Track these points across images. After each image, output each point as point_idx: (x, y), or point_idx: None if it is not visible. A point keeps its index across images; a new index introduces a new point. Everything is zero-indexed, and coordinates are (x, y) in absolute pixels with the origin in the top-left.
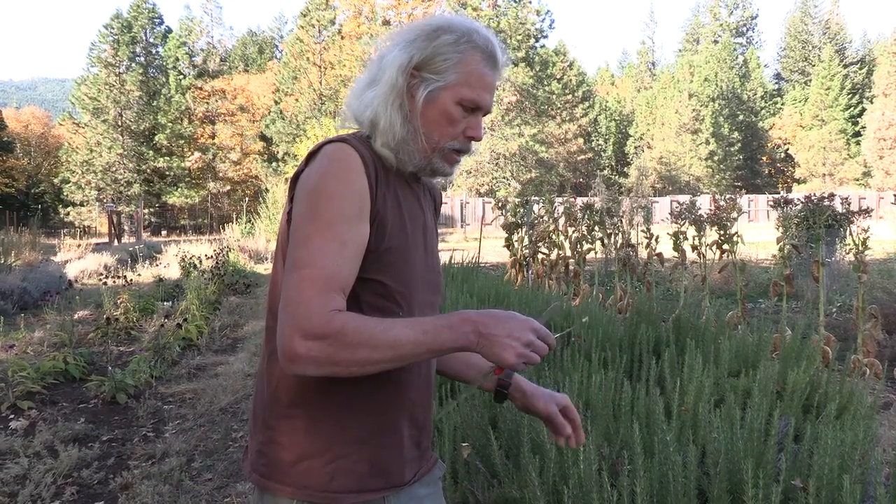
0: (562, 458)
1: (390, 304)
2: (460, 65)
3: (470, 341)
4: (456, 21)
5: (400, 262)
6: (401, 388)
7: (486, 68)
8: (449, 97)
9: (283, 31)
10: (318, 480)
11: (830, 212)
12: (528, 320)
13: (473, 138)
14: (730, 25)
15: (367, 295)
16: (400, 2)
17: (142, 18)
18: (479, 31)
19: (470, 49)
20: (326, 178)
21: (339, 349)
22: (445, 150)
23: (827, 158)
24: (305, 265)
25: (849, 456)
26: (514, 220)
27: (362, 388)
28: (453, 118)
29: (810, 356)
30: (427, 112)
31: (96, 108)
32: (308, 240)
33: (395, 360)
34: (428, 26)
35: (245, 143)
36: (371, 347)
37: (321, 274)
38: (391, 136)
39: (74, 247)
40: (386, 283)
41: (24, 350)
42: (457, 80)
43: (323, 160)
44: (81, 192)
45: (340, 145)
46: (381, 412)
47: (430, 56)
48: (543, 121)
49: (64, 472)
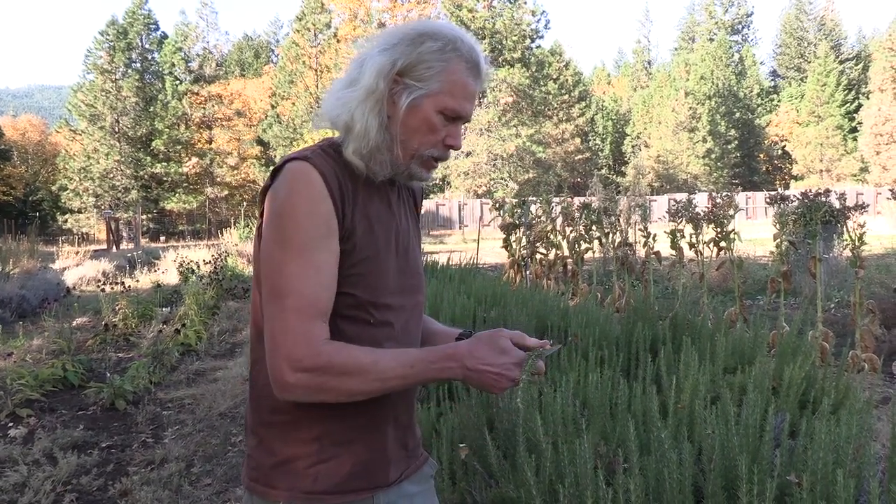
0: (558, 457)
1: (361, 314)
2: (444, 73)
3: (455, 375)
4: (441, 27)
5: (370, 274)
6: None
7: (469, 78)
8: (431, 105)
9: (278, 36)
10: (302, 482)
11: (827, 208)
12: (517, 355)
13: (452, 147)
14: (725, 23)
15: (339, 307)
16: (395, 4)
17: (137, 24)
18: (463, 39)
19: (455, 58)
20: (291, 200)
21: (328, 380)
22: (424, 157)
23: (824, 155)
24: (286, 294)
25: (843, 450)
26: (512, 220)
27: None
28: (434, 126)
29: (807, 352)
30: (408, 119)
31: (93, 114)
32: (283, 267)
33: (382, 391)
34: (412, 31)
35: (242, 147)
36: (358, 379)
37: (302, 303)
38: (364, 143)
39: (72, 254)
40: (357, 294)
41: (23, 358)
42: (440, 89)
43: (285, 180)
44: (79, 199)
45: (302, 164)
46: (363, 415)
47: (414, 63)
48: (540, 121)
49: (63, 479)
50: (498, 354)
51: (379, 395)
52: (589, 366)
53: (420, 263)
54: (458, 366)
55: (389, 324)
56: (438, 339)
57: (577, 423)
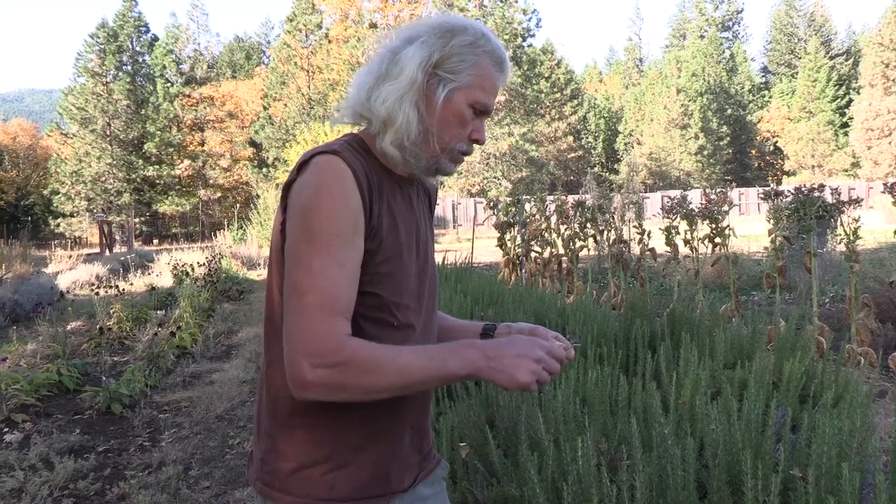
0: (560, 455)
1: (385, 315)
2: (475, 67)
3: (478, 366)
4: (469, 22)
5: (394, 274)
6: (400, 395)
7: (497, 73)
8: (463, 98)
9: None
10: (318, 489)
11: (821, 203)
12: (536, 339)
13: (477, 141)
14: (715, 20)
15: (361, 308)
16: (386, 4)
17: (128, 27)
18: (490, 36)
19: (483, 53)
20: (319, 194)
21: (350, 376)
22: (454, 152)
23: (816, 150)
24: (308, 290)
25: (846, 444)
26: (507, 219)
27: None
28: (465, 120)
29: (805, 346)
30: (442, 112)
31: (84, 118)
32: (307, 262)
33: (403, 387)
34: (444, 24)
35: (235, 149)
36: (380, 374)
37: (325, 299)
38: (406, 136)
39: (66, 258)
40: (381, 294)
41: (17, 362)
42: (471, 82)
43: (314, 174)
44: (71, 203)
45: (332, 158)
46: (380, 420)
47: (448, 55)
48: (533, 120)
49: (60, 484)
50: (514, 342)
51: (400, 393)
52: (588, 363)
53: (435, 264)
54: (480, 355)
55: (412, 326)
56: (456, 333)
57: (578, 420)
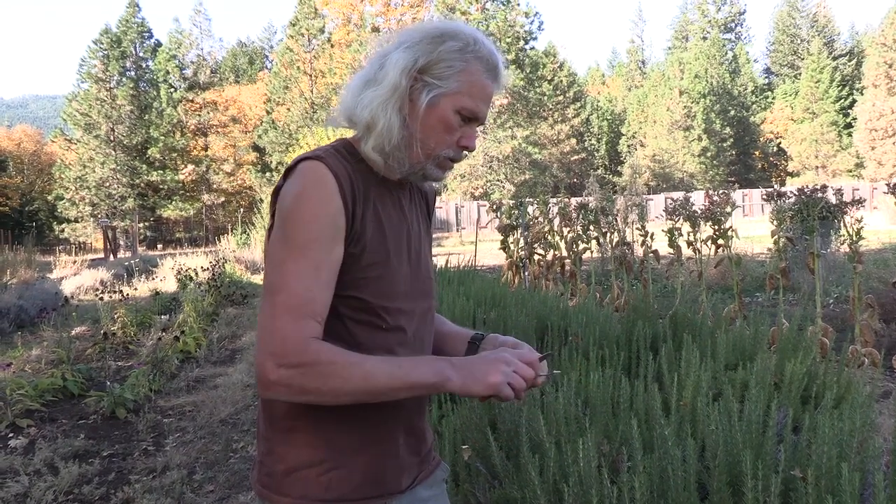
0: (561, 456)
1: (373, 318)
2: (463, 73)
3: (446, 376)
4: (462, 28)
5: (381, 277)
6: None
7: (488, 80)
8: (449, 104)
9: (272, 42)
10: (314, 490)
11: (824, 203)
12: (505, 349)
13: (466, 148)
14: (718, 22)
15: (348, 311)
16: (389, 8)
17: (131, 33)
18: (483, 42)
19: (474, 59)
20: (300, 200)
21: (312, 379)
22: (440, 158)
23: (819, 151)
24: (279, 291)
25: (847, 444)
26: (510, 222)
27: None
28: (451, 126)
29: (807, 347)
30: (426, 118)
31: (88, 123)
32: (282, 264)
33: (368, 393)
34: (435, 30)
35: (238, 154)
36: (343, 379)
37: (295, 301)
38: (387, 140)
39: (70, 263)
40: (366, 298)
41: (22, 368)
42: (458, 88)
43: (298, 179)
44: (76, 209)
45: (315, 164)
46: (375, 422)
47: (435, 61)
48: (535, 122)
49: (65, 488)
50: (482, 356)
51: (366, 399)
52: (590, 365)
53: (431, 268)
54: (448, 365)
55: (402, 329)
56: (449, 340)
57: (579, 422)
